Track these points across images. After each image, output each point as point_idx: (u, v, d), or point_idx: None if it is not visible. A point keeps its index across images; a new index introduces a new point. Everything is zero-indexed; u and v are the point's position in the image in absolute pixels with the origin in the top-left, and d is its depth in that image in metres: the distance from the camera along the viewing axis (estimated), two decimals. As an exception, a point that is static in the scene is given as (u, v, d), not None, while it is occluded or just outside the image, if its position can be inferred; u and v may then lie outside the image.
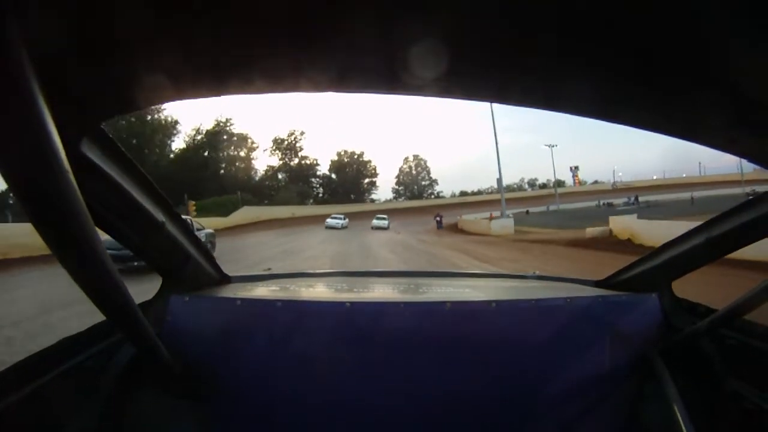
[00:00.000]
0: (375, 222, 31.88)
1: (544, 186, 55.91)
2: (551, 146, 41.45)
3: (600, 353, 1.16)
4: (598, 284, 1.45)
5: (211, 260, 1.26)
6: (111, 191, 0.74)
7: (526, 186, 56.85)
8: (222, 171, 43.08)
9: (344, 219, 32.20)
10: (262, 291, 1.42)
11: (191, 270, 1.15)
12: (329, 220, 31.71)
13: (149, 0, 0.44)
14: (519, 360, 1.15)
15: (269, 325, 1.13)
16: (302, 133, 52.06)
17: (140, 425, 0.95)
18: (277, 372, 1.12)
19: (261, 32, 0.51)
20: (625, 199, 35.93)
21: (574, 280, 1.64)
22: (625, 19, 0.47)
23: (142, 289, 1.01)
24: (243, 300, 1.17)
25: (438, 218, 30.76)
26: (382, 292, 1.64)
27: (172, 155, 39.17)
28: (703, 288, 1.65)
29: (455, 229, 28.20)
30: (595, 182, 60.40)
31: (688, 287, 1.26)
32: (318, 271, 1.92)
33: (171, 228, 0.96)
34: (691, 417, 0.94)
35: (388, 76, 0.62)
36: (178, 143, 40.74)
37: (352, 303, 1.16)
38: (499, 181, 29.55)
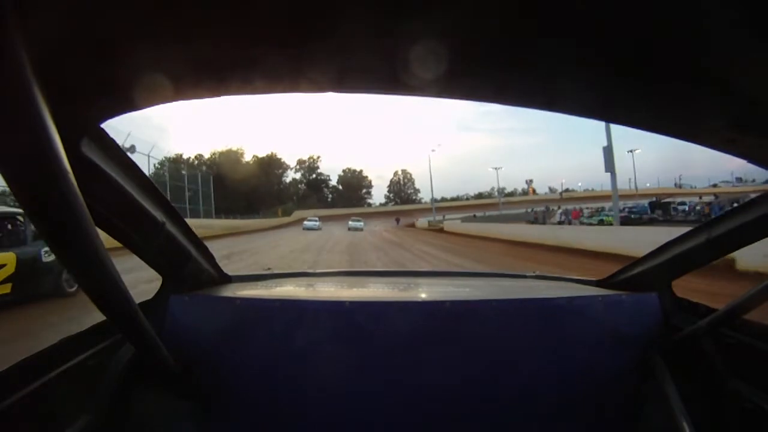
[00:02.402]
0: (351, 224, 35.08)
1: (510, 194, 72.15)
2: (497, 168, 56.71)
3: (600, 353, 1.16)
4: (598, 284, 1.45)
5: (211, 260, 1.26)
6: (111, 191, 0.74)
7: (496, 194, 68.60)
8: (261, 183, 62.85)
9: (318, 222, 37.49)
10: (262, 291, 1.42)
11: (191, 270, 1.15)
12: (306, 222, 34.93)
13: (149, 0, 0.44)
14: (519, 359, 1.14)
15: (269, 324, 1.13)
16: (318, 157, 74.77)
17: (140, 425, 0.95)
18: (277, 371, 1.12)
19: (261, 32, 0.51)
20: (542, 208, 47.19)
21: (574, 280, 1.64)
22: (624, 20, 0.47)
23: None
24: (243, 300, 1.17)
25: (396, 219, 51.17)
26: (381, 291, 1.64)
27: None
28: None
29: (410, 225, 45.32)
30: (566, 190, 70.92)
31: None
32: (317, 271, 1.92)
33: (171, 228, 0.96)
34: (691, 417, 0.94)
35: (387, 76, 0.62)
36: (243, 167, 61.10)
37: (352, 302, 1.16)
38: (432, 199, 50.77)
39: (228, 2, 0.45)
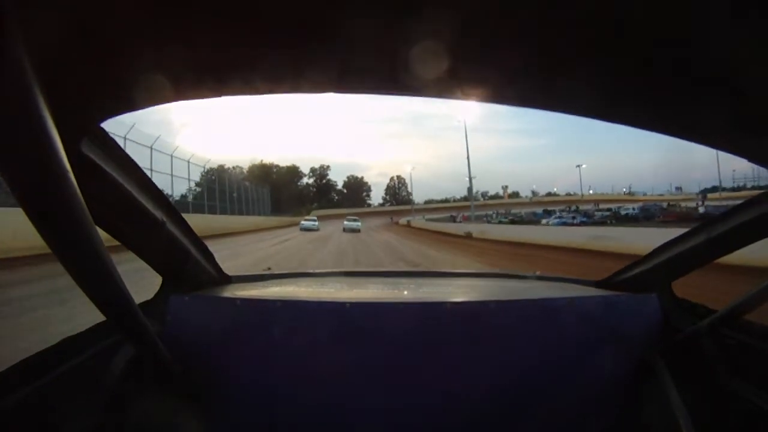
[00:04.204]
0: (346, 224, 31.24)
1: (493, 197, 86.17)
2: (471, 178, 68.56)
3: (600, 353, 1.16)
4: (598, 284, 1.45)
5: (211, 260, 1.26)
6: (111, 191, 0.74)
7: (480, 197, 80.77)
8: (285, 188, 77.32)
9: (316, 221, 36.31)
10: (262, 291, 1.41)
11: (191, 270, 1.15)
12: (303, 223, 33.43)
13: (150, 0, 0.44)
14: (518, 360, 1.14)
15: (269, 324, 1.12)
16: (328, 166, 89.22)
17: (140, 425, 0.95)
18: (277, 372, 1.12)
19: (261, 32, 0.51)
20: (503, 211, 61.52)
21: (574, 280, 1.64)
22: (624, 19, 0.47)
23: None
24: (243, 300, 1.17)
25: (391, 218, 60.05)
26: (381, 292, 1.64)
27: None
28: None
29: (395, 223, 54.23)
30: (548, 194, 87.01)
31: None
32: (318, 271, 1.92)
33: (171, 227, 0.96)
34: (691, 417, 0.94)
35: (388, 76, 0.62)
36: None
37: (352, 303, 1.16)
38: (413, 204, 63.90)
39: (228, 2, 0.45)
